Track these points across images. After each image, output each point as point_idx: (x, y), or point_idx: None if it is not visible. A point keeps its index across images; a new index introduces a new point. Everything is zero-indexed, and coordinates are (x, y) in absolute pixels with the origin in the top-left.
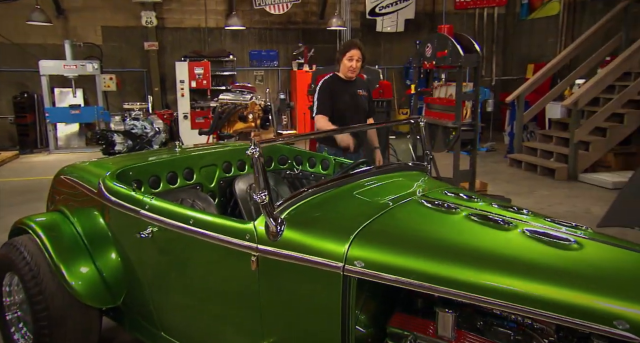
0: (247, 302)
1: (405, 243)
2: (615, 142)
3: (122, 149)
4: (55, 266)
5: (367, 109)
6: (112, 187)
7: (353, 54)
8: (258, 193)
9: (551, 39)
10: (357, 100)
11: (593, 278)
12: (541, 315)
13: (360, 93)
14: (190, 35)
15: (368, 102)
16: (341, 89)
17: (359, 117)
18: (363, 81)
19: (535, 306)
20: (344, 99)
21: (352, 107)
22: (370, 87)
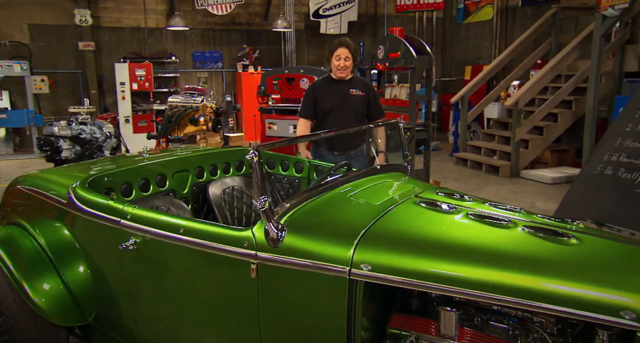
0: (244, 311)
1: (410, 244)
2: (551, 140)
3: (69, 155)
4: (17, 284)
5: (360, 109)
6: (85, 196)
7: (340, 52)
8: (258, 198)
9: (486, 42)
10: (345, 100)
11: (596, 271)
12: (548, 310)
13: (353, 93)
14: (129, 35)
15: (368, 103)
16: (328, 89)
17: (347, 117)
18: (362, 82)
19: (543, 301)
20: (328, 100)
21: (338, 107)
22: (370, 88)
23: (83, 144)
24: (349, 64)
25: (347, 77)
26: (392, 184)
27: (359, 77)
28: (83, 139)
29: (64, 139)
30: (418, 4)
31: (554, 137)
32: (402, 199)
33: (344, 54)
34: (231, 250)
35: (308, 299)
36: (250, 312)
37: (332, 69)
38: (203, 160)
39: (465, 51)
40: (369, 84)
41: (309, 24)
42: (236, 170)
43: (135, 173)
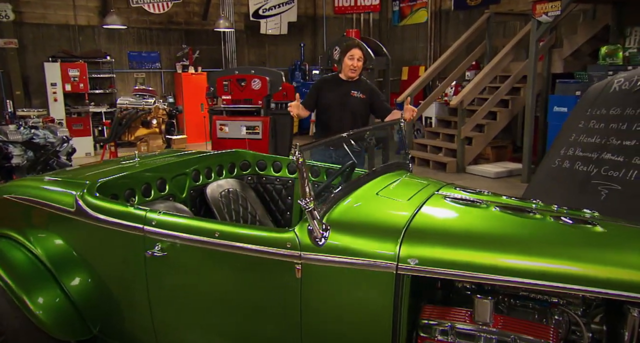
0: (286, 312)
1: (452, 237)
2: (492, 137)
3: (21, 162)
4: (17, 298)
5: (359, 110)
6: (99, 204)
7: (354, 52)
8: (303, 199)
9: (422, 44)
10: (346, 100)
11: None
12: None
13: (354, 94)
14: (57, 32)
15: (372, 105)
16: (332, 87)
17: (346, 116)
18: (365, 84)
19: (584, 285)
20: (329, 96)
21: (337, 105)
22: (372, 90)
23: (37, 149)
24: (360, 64)
25: (353, 79)
26: (408, 182)
27: (365, 80)
28: (37, 144)
29: (14, 144)
30: (355, 6)
31: (494, 134)
32: (428, 195)
33: (357, 55)
34: (274, 252)
35: (354, 296)
36: (292, 313)
37: (343, 69)
38: (198, 163)
39: (402, 52)
40: (372, 87)
41: (248, 24)
42: (229, 173)
43: (138, 178)
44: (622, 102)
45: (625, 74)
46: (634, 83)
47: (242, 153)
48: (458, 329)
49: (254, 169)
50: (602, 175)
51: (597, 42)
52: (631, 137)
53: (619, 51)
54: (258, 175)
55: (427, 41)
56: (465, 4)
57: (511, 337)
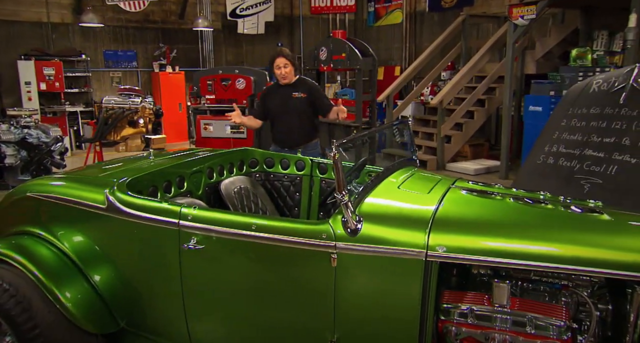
0: (321, 300)
1: (474, 226)
2: (469, 135)
3: (14, 162)
4: (49, 292)
5: (303, 109)
6: (132, 200)
7: (278, 62)
8: (339, 192)
9: (397, 45)
10: (288, 103)
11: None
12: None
13: (295, 95)
14: (29, 30)
15: (313, 103)
16: (275, 93)
17: (291, 118)
18: (305, 83)
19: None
20: (274, 102)
21: (282, 110)
22: (312, 89)
23: (31, 148)
24: (288, 70)
25: (290, 82)
26: (422, 176)
27: (304, 79)
28: (31, 144)
29: (7, 144)
30: (331, 6)
31: (472, 133)
32: (446, 188)
33: (282, 63)
34: (310, 242)
35: (385, 282)
36: (326, 301)
37: (277, 78)
38: (210, 161)
39: (377, 52)
40: (311, 85)
41: (226, 24)
42: (238, 170)
43: (161, 175)
44: (601, 101)
45: (603, 75)
46: (611, 84)
47: (250, 151)
48: (477, 312)
49: (262, 167)
50: (585, 170)
51: (566, 44)
52: (610, 134)
53: (588, 53)
54: (266, 173)
55: (402, 42)
56: (440, 5)
57: (527, 317)
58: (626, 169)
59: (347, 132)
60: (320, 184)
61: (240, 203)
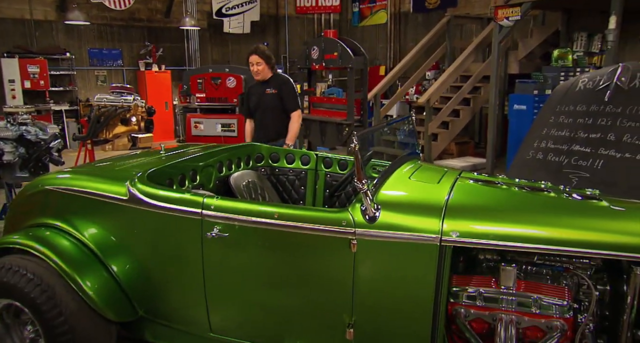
0: (339, 284)
1: (484, 212)
2: (455, 134)
3: (12, 158)
4: (73, 281)
5: (274, 105)
6: (155, 192)
7: (252, 59)
8: (359, 181)
9: (381, 45)
10: (262, 98)
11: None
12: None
13: (268, 92)
14: (12, 27)
15: (281, 99)
16: (253, 91)
17: (265, 113)
18: (277, 80)
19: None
20: (252, 99)
21: (257, 105)
22: (282, 84)
23: (30, 145)
24: (261, 67)
25: (266, 78)
26: (428, 168)
27: (279, 75)
28: (29, 140)
29: (5, 141)
30: (316, 6)
31: (458, 131)
32: (454, 179)
33: (255, 60)
34: (331, 229)
35: (402, 266)
36: (345, 285)
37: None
38: (219, 155)
39: None
40: (283, 81)
41: (212, 23)
42: (245, 165)
43: (175, 169)
44: (587, 99)
45: (588, 74)
46: (596, 83)
47: (257, 146)
48: (485, 294)
49: (267, 161)
50: (573, 165)
51: (548, 45)
52: (596, 130)
53: (569, 54)
54: (271, 167)
55: (386, 42)
56: (424, 6)
57: (532, 298)
58: (611, 163)
59: (339, 130)
60: (325, 178)
61: (249, 196)
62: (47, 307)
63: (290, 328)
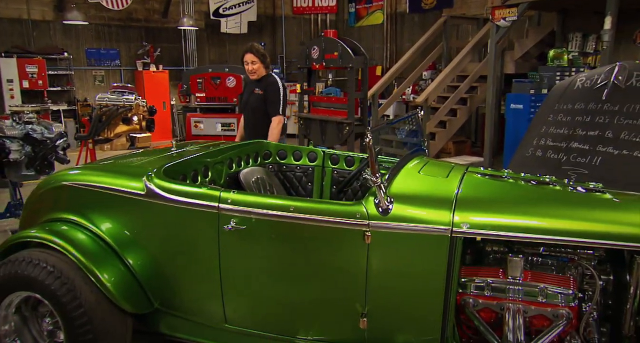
0: (353, 275)
1: (493, 205)
2: (453, 133)
3: (19, 157)
4: (91, 274)
5: (257, 106)
6: (172, 186)
7: (247, 58)
8: (373, 175)
9: (378, 45)
10: (250, 97)
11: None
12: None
13: (255, 91)
14: (9, 27)
15: (263, 100)
16: (247, 88)
17: (248, 112)
18: (266, 81)
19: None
20: (243, 98)
21: (245, 104)
22: (269, 86)
23: (36, 144)
24: (256, 66)
25: (259, 77)
26: (436, 163)
27: (270, 76)
28: (35, 139)
29: (12, 139)
30: (313, 7)
31: (455, 130)
32: (462, 173)
33: (250, 59)
34: (345, 221)
35: (414, 257)
36: (359, 276)
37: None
38: (228, 152)
39: None
40: (270, 83)
41: (209, 23)
42: (254, 162)
43: (189, 164)
44: (585, 97)
45: (586, 73)
46: (594, 81)
47: (265, 143)
48: (493, 284)
49: (275, 158)
50: (571, 162)
51: (543, 45)
52: (594, 128)
53: (564, 54)
54: (279, 164)
55: (383, 42)
56: (420, 7)
57: (539, 288)
58: (609, 159)
59: (340, 128)
60: (332, 174)
61: (258, 192)
62: (67, 299)
63: (305, 319)
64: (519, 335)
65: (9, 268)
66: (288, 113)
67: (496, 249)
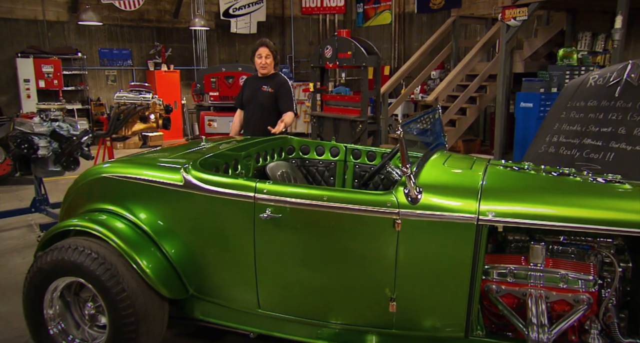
0: (383, 261)
1: (517, 194)
2: (462, 131)
3: (46, 153)
4: (133, 261)
5: (266, 103)
6: (210, 178)
7: (261, 51)
8: (403, 166)
9: (386, 45)
10: (255, 95)
11: None
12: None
13: (264, 89)
14: (24, 28)
15: (277, 98)
16: (250, 84)
17: (255, 109)
18: (275, 78)
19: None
20: (246, 93)
21: (251, 100)
22: (281, 85)
23: (63, 140)
24: (269, 61)
25: (269, 74)
26: (457, 157)
27: (279, 75)
28: (62, 136)
29: (40, 136)
30: (322, 7)
31: (465, 129)
32: (485, 165)
33: (264, 53)
34: (377, 210)
35: (442, 244)
36: (389, 262)
37: (256, 67)
38: (255, 147)
39: None
40: (281, 82)
41: (219, 23)
42: (278, 156)
43: (220, 158)
44: (598, 95)
45: (599, 71)
46: (607, 79)
47: (288, 139)
48: (515, 271)
49: (298, 154)
50: (584, 158)
51: (551, 45)
52: (607, 124)
53: (573, 53)
54: (302, 159)
55: (391, 42)
56: (428, 7)
57: (560, 274)
58: (623, 155)
59: (353, 126)
60: (354, 169)
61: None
62: (111, 284)
63: (336, 303)
64: (543, 318)
65: (56, 255)
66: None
67: (518, 238)
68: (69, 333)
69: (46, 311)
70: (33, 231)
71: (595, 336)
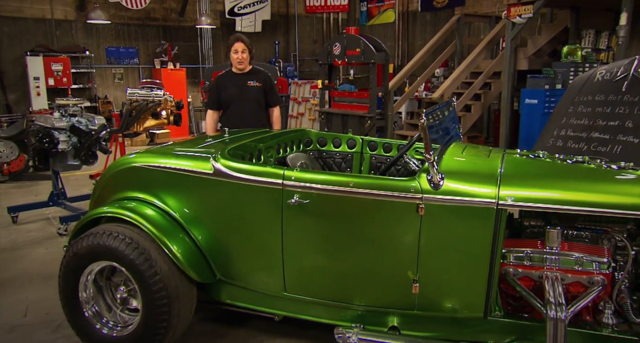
0: (408, 244)
1: (535, 180)
2: (467, 128)
3: (66, 147)
4: (165, 246)
5: (258, 98)
6: (239, 166)
7: (237, 46)
8: (426, 153)
9: (389, 43)
10: (244, 91)
11: None
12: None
13: (250, 84)
14: (33, 26)
15: (265, 93)
16: (229, 82)
17: (246, 106)
18: (259, 73)
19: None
20: (229, 92)
21: (238, 97)
22: (267, 79)
23: (82, 135)
24: (245, 55)
25: (245, 69)
26: (474, 147)
27: (258, 68)
28: (81, 130)
29: (60, 131)
30: (325, 6)
31: (469, 125)
32: (502, 154)
33: (240, 48)
34: (401, 195)
35: (463, 228)
36: (412, 245)
37: (232, 63)
38: (275, 138)
39: None
40: (266, 75)
41: (224, 22)
42: (297, 148)
43: (245, 148)
44: (605, 89)
45: (606, 66)
46: (614, 74)
47: (306, 131)
48: (532, 254)
49: (315, 146)
50: (592, 151)
51: (555, 42)
52: (615, 118)
53: (577, 50)
54: (319, 151)
55: (395, 40)
56: (432, 5)
57: (575, 257)
58: (630, 148)
59: (362, 122)
60: (370, 160)
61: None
62: (144, 267)
63: (360, 285)
64: (560, 298)
65: (91, 240)
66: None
67: (534, 223)
68: (103, 316)
69: (81, 294)
70: (51, 224)
71: (609, 316)
